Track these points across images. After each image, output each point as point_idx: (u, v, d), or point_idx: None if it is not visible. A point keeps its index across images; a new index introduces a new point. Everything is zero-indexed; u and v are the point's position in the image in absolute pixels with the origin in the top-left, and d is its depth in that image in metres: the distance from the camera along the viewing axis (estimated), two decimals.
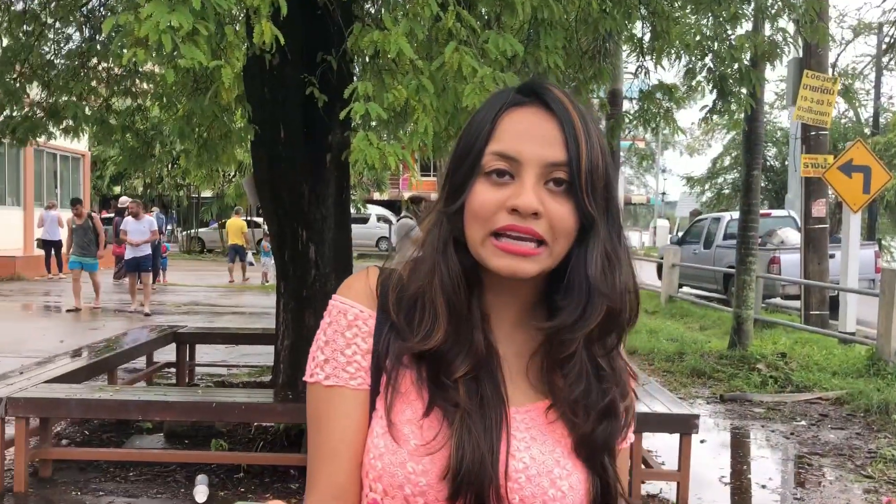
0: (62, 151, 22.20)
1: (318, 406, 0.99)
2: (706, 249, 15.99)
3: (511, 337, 1.01)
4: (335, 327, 1.00)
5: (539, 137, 0.94)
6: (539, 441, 0.97)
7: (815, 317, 10.32)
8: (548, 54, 4.44)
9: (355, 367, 0.98)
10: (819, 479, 5.24)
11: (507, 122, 0.95)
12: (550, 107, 0.95)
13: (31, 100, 6.54)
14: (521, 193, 0.92)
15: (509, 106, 0.96)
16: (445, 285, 0.96)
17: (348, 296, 1.01)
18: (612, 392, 0.99)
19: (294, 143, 5.33)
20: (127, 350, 6.34)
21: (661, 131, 7.39)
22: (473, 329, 0.96)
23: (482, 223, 0.94)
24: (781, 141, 25.95)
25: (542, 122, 0.94)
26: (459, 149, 0.98)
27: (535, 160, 0.93)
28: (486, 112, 0.97)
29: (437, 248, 0.98)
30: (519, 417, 0.98)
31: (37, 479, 4.76)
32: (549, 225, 0.93)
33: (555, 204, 0.93)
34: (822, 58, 10.48)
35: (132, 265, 12.77)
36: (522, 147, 0.93)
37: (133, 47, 3.37)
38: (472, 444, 0.92)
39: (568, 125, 0.94)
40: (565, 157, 0.93)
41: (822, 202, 10.60)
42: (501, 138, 0.94)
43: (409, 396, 0.96)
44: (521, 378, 1.00)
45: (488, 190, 0.94)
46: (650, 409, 4.64)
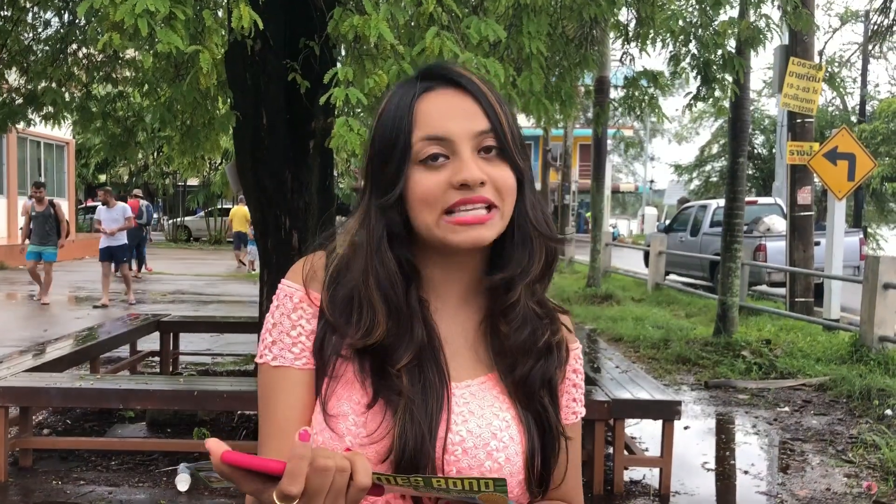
0: (46, 139, 22.02)
1: (266, 386, 1.03)
2: (693, 237, 16.04)
3: (455, 316, 1.06)
4: (282, 310, 1.04)
5: (461, 112, 0.99)
6: (477, 415, 1.01)
7: (800, 304, 10.37)
8: (531, 40, 4.41)
9: (300, 347, 1.02)
10: (801, 465, 5.27)
11: (424, 107, 0.99)
12: (461, 84, 1.00)
13: (9, 86, 6.46)
14: (463, 168, 0.97)
15: (421, 92, 1.00)
16: (382, 284, 0.99)
17: (295, 280, 1.05)
18: (547, 331, 1.06)
19: (276, 129, 5.28)
20: (109, 339, 6.30)
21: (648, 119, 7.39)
22: (413, 320, 1.00)
23: (432, 206, 0.97)
24: (769, 129, 26.02)
25: (458, 98, 0.99)
26: (380, 143, 1.00)
27: (464, 134, 0.98)
28: (399, 102, 1.00)
29: (372, 247, 1.00)
30: (459, 392, 1.02)
31: (17, 468, 4.72)
32: (494, 189, 0.98)
33: (492, 168, 0.99)
34: (809, 45, 10.48)
35: (106, 255, 12.07)
36: (449, 125, 0.98)
37: (109, 31, 3.33)
38: (413, 431, 0.96)
39: (482, 96, 1.00)
40: (489, 125, 0.99)
41: (808, 190, 10.63)
42: (425, 122, 0.98)
43: (351, 387, 0.99)
44: (464, 354, 1.05)
45: (428, 175, 0.98)
46: (633, 396, 4.65)
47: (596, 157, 15.23)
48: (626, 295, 13.70)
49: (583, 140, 32.94)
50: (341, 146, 3.54)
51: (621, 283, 15.64)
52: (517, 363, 1.03)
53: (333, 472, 0.77)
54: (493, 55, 4.41)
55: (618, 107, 6.52)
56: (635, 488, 4.77)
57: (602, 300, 13.10)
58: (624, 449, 4.82)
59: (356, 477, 0.79)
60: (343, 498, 0.79)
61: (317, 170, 5.46)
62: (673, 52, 5.95)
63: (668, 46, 5.95)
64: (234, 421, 5.35)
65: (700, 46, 5.76)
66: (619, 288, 14.53)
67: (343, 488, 0.79)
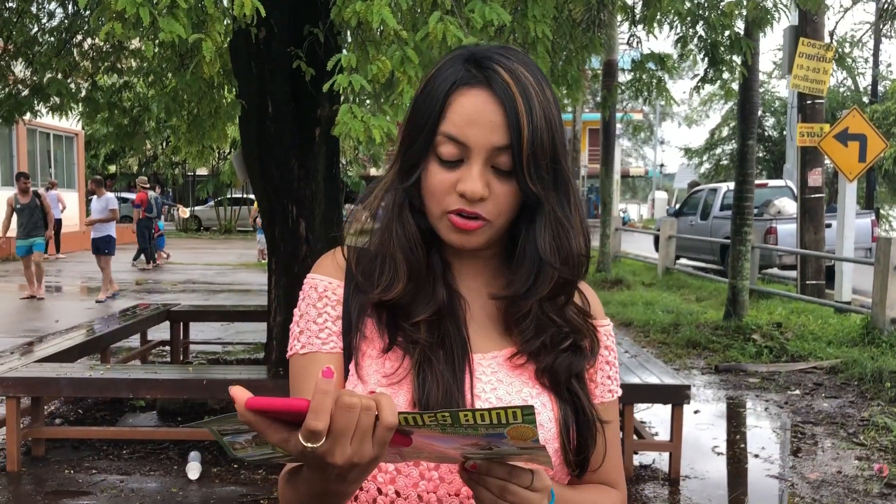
0: (55, 131, 22.08)
1: (296, 374, 1.05)
2: (703, 221, 15.95)
3: (475, 289, 1.08)
4: (308, 301, 1.07)
5: (486, 123, 0.98)
6: (505, 383, 1.02)
7: (811, 286, 10.31)
8: (536, 24, 4.37)
9: (327, 332, 1.04)
10: (812, 448, 5.25)
11: (457, 104, 0.99)
12: (495, 90, 0.98)
13: (15, 77, 6.47)
14: (469, 180, 0.98)
15: (459, 85, 1.00)
16: (402, 245, 1.02)
17: (319, 272, 1.09)
18: (570, 336, 1.05)
19: (282, 117, 5.27)
20: (120, 328, 6.32)
21: (657, 102, 7.34)
22: (435, 281, 1.03)
23: (437, 202, 1.01)
24: (780, 111, 25.84)
25: (489, 106, 0.98)
26: (414, 120, 1.03)
27: (481, 146, 0.98)
28: (440, 86, 1.01)
29: (393, 213, 1.04)
30: (485, 363, 1.03)
31: (30, 457, 4.76)
32: (494, 206, 1.00)
33: (500, 185, 0.99)
34: (819, 25, 10.37)
35: (92, 247, 11.61)
36: (470, 133, 0.98)
37: (111, 21, 3.32)
38: (435, 377, 0.97)
39: (510, 108, 0.97)
40: (506, 142, 0.98)
41: (819, 171, 10.55)
42: (452, 120, 0.99)
43: (373, 341, 1.02)
44: (486, 327, 1.06)
45: (441, 171, 1.00)
46: (642, 381, 4.64)
47: (605, 141, 15.15)
48: (636, 279, 13.67)
49: (592, 124, 32.84)
50: (345, 133, 3.52)
51: (631, 268, 15.60)
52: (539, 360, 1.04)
53: (359, 410, 0.76)
54: (498, 39, 4.38)
55: (625, 90, 6.46)
56: (645, 473, 4.76)
57: (612, 285, 13.07)
58: (633, 433, 4.81)
59: (382, 415, 0.77)
60: (370, 438, 0.78)
61: (323, 158, 5.45)
62: (680, 34, 5.90)
63: (675, 28, 5.90)
64: None
65: (707, 28, 5.70)
66: (629, 272, 14.49)
67: (369, 428, 0.77)
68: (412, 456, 0.87)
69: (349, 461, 0.77)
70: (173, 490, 4.31)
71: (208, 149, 8.18)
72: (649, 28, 5.79)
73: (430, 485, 0.97)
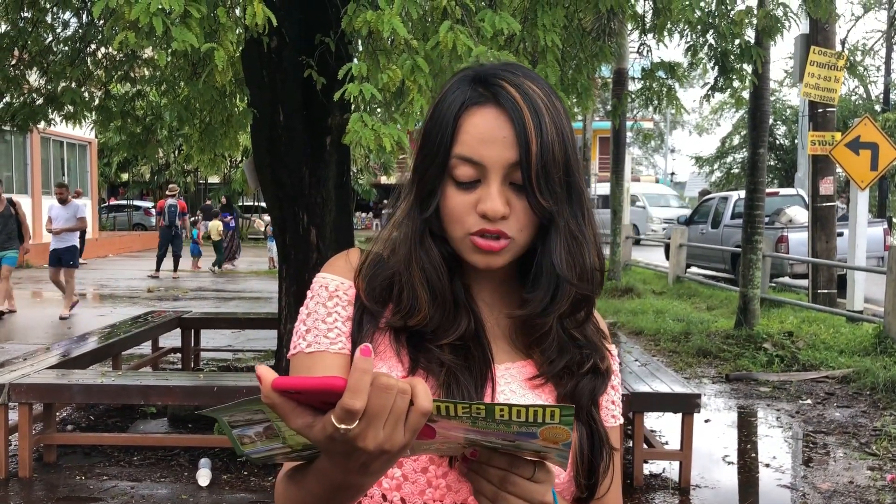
0: (69, 139, 22.26)
1: (299, 372, 1.01)
2: (714, 229, 15.90)
3: (491, 304, 1.06)
4: (317, 300, 1.03)
5: (500, 140, 0.97)
6: (519, 395, 1.01)
7: (822, 295, 10.26)
8: (546, 33, 4.39)
9: (336, 332, 1.01)
10: (824, 458, 5.22)
11: (468, 125, 0.98)
12: (505, 107, 0.98)
13: (30, 86, 6.53)
14: (488, 199, 0.96)
15: (468, 105, 0.99)
16: (429, 273, 1.00)
17: (330, 271, 1.06)
18: (592, 357, 1.05)
19: (293, 126, 5.31)
20: (131, 336, 6.35)
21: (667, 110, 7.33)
22: (459, 309, 1.01)
23: (458, 224, 0.99)
24: (791, 119, 25.75)
25: (499, 123, 0.97)
26: (425, 148, 1.01)
27: (497, 164, 0.97)
28: (448, 109, 1.00)
29: (415, 240, 1.01)
30: (500, 373, 1.02)
31: (42, 464, 4.79)
32: (517, 223, 0.98)
33: (519, 201, 0.98)
34: (830, 34, 10.34)
35: (54, 258, 10.60)
36: (484, 152, 0.97)
37: (124, 30, 3.36)
38: (460, 393, 0.95)
39: (519, 125, 0.96)
40: (517, 159, 0.96)
41: (830, 180, 10.51)
42: (464, 141, 0.98)
43: (386, 360, 0.99)
44: (503, 339, 1.05)
45: (458, 194, 0.98)
46: (653, 389, 4.63)
47: (615, 149, 15.15)
48: (647, 288, 13.63)
49: (602, 133, 32.80)
50: (356, 142, 3.55)
51: (642, 276, 15.56)
52: (561, 382, 1.03)
53: (395, 393, 0.74)
54: (508, 48, 4.40)
55: (635, 99, 6.46)
56: (655, 482, 4.75)
57: (622, 293, 13.04)
58: (643, 442, 4.80)
59: (417, 400, 0.75)
60: (403, 422, 0.76)
61: (334, 166, 5.48)
62: (690, 42, 5.90)
63: (685, 37, 5.91)
64: None
65: (717, 36, 5.71)
66: (639, 281, 14.46)
67: (404, 411, 0.75)
68: (419, 449, 0.85)
69: (380, 447, 0.75)
70: (184, 497, 4.33)
71: (220, 157, 8.24)
72: (659, 37, 5.80)
73: (437, 493, 0.95)
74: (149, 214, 29.99)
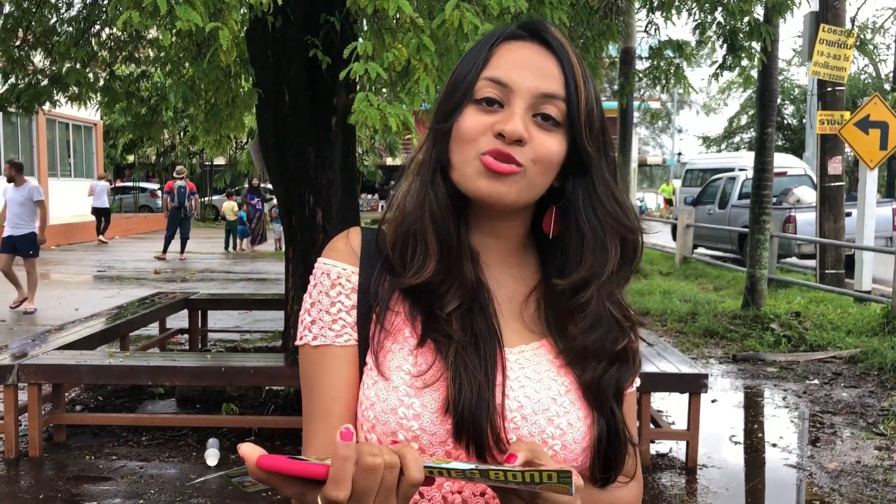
0: (74, 121, 22.25)
1: (308, 367, 1.00)
2: (721, 209, 15.85)
3: (500, 280, 1.02)
4: (320, 288, 1.00)
5: (535, 69, 0.93)
6: (534, 380, 0.97)
7: (830, 276, 10.22)
8: (553, 11, 4.34)
9: (341, 324, 0.99)
10: (831, 437, 5.22)
11: (503, 51, 0.95)
12: (550, 44, 0.95)
13: (34, 67, 6.51)
14: (509, 120, 0.92)
15: (506, 38, 0.96)
16: (435, 214, 0.95)
17: (331, 256, 1.02)
18: (625, 336, 0.99)
19: (299, 106, 5.28)
20: (139, 317, 6.37)
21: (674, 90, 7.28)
22: (463, 262, 0.97)
23: (468, 146, 0.94)
24: (799, 98, 25.59)
25: (540, 55, 0.94)
26: (453, 78, 0.98)
27: (527, 89, 0.93)
28: (483, 43, 0.97)
29: (426, 178, 0.98)
30: (512, 358, 0.97)
31: (51, 443, 4.82)
32: (533, 154, 0.93)
33: (543, 135, 0.93)
34: (840, 11, 10.23)
35: (7, 245, 9.22)
36: (516, 75, 0.93)
37: (128, 10, 3.33)
38: (468, 377, 0.91)
39: (567, 63, 0.94)
40: (562, 92, 0.93)
41: (839, 159, 10.44)
42: (496, 65, 0.94)
43: (400, 334, 0.96)
44: (513, 320, 1.01)
45: (477, 115, 0.94)
46: (659, 369, 4.62)
47: (622, 129, 15.04)
48: (654, 269, 13.60)
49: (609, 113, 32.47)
50: (361, 122, 3.52)
51: (648, 257, 15.53)
52: (587, 365, 0.97)
53: (382, 471, 0.72)
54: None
55: (643, 78, 6.41)
56: (662, 461, 4.76)
57: None
58: (650, 422, 4.80)
59: (407, 472, 0.73)
60: (394, 495, 0.74)
61: (339, 146, 5.45)
62: (699, 20, 5.84)
63: (693, 15, 5.85)
64: (262, 396, 5.40)
65: (726, 14, 5.65)
66: (646, 262, 14.43)
67: (393, 485, 0.73)
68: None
69: None
70: (192, 476, 4.35)
71: (225, 138, 8.21)
72: (667, 15, 5.74)
73: (456, 485, 0.93)
74: (155, 196, 29.99)
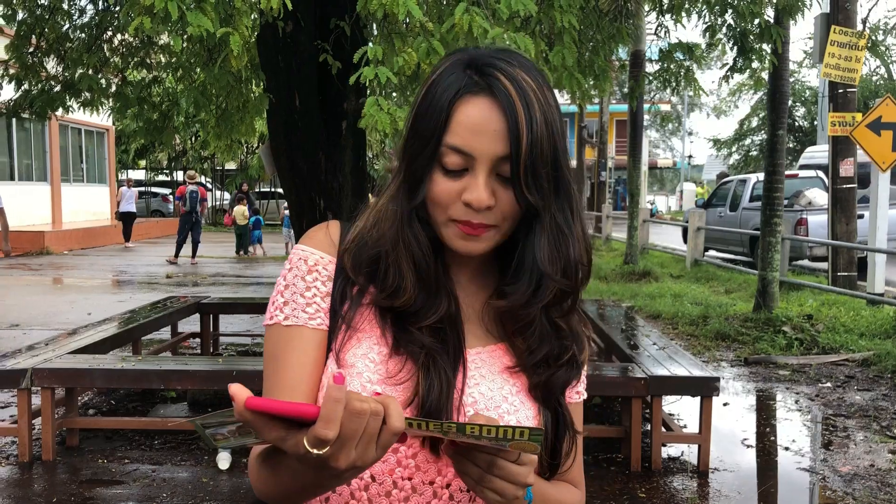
0: (87, 126, 22.39)
1: (276, 345, 1.03)
2: (732, 212, 15.79)
3: (467, 287, 1.09)
4: (295, 272, 1.04)
5: (490, 132, 0.97)
6: (488, 379, 1.03)
7: (842, 278, 10.17)
8: (562, 14, 4.35)
9: (315, 308, 1.03)
10: (844, 441, 5.19)
11: (461, 114, 0.98)
12: (498, 98, 0.98)
13: (47, 73, 6.56)
14: (474, 189, 0.97)
15: (463, 94, 0.99)
16: (416, 255, 1.01)
17: (309, 244, 1.06)
18: (571, 348, 1.07)
19: (309, 111, 5.30)
20: (151, 321, 6.40)
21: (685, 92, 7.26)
22: (441, 291, 1.03)
23: (442, 210, 1.00)
24: (810, 100, 25.48)
25: (492, 114, 0.97)
26: (417, 132, 1.01)
27: (486, 155, 0.97)
28: (442, 95, 0.99)
29: (403, 222, 1.02)
30: (471, 358, 1.04)
31: (64, 447, 4.85)
32: (500, 213, 0.99)
33: (505, 192, 0.99)
34: (851, 13, 10.19)
35: None
36: (475, 143, 0.97)
37: (140, 16, 3.36)
38: (438, 377, 0.98)
39: (511, 119, 0.96)
40: (507, 152, 0.97)
41: (850, 161, 10.38)
42: (456, 131, 0.98)
43: (370, 334, 1.01)
44: (475, 323, 1.07)
45: (445, 182, 0.99)
46: (671, 373, 4.61)
47: (632, 132, 15.04)
48: (665, 272, 13.57)
49: (619, 116, 32.58)
50: (371, 126, 3.54)
51: (659, 260, 15.49)
52: (536, 372, 1.04)
53: (368, 416, 0.77)
54: (525, 30, 4.37)
55: (653, 80, 6.41)
56: (673, 465, 4.74)
57: (640, 277, 12.99)
58: (661, 426, 4.79)
59: (389, 421, 0.78)
60: (374, 442, 0.79)
61: (350, 151, 5.47)
62: (709, 22, 5.83)
63: (703, 17, 5.84)
64: None
65: (736, 16, 5.63)
66: (657, 265, 14.39)
67: (376, 432, 0.78)
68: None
69: (352, 464, 0.78)
70: (204, 480, 4.37)
71: (236, 143, 8.25)
72: (677, 17, 5.74)
73: (406, 472, 0.98)
74: (167, 201, 30.13)
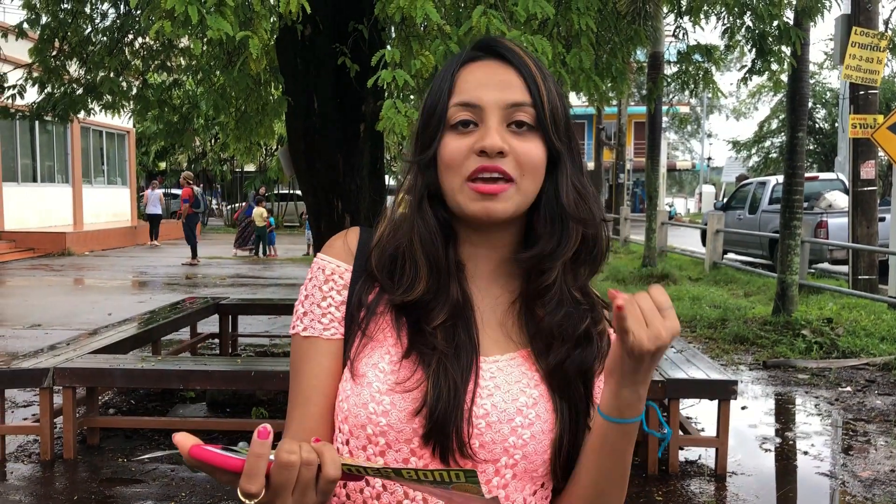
0: (108, 129, 22.60)
1: (296, 355, 1.07)
2: (751, 214, 15.69)
3: (487, 290, 1.06)
4: (314, 282, 1.07)
5: (497, 83, 1.00)
6: (503, 390, 1.00)
7: (863, 281, 10.08)
8: (580, 16, 4.35)
9: (329, 318, 1.05)
10: (864, 445, 5.15)
11: (464, 75, 1.02)
12: (506, 57, 1.01)
13: (69, 76, 6.65)
14: (486, 136, 0.98)
15: (465, 62, 1.03)
16: (424, 239, 1.01)
17: (328, 253, 1.08)
18: (587, 318, 1.04)
19: (327, 113, 5.33)
20: (170, 321, 6.46)
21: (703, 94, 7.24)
22: (450, 279, 1.02)
23: (456, 171, 0.99)
24: (831, 102, 25.24)
25: (500, 70, 1.00)
26: (425, 109, 1.04)
27: (495, 103, 0.99)
28: (445, 71, 1.04)
29: (415, 204, 1.03)
30: (486, 367, 1.02)
31: (85, 446, 4.90)
32: (515, 162, 0.98)
33: (519, 142, 0.99)
34: (872, 13, 10.11)
35: None
36: (481, 94, 0.99)
37: (160, 20, 3.40)
38: (447, 385, 0.97)
39: (526, 70, 1.00)
40: (527, 98, 0.99)
41: (872, 164, 10.29)
42: (462, 90, 1.00)
43: (384, 342, 1.01)
44: (495, 329, 1.05)
45: (456, 139, 1.00)
46: (689, 376, 4.59)
47: (650, 134, 14.98)
48: (683, 274, 13.50)
49: (637, 118, 32.47)
50: (389, 128, 3.56)
51: (678, 263, 15.41)
52: (552, 347, 1.02)
53: (298, 467, 0.78)
54: (542, 33, 4.37)
55: (671, 82, 6.39)
56: (691, 468, 4.72)
57: (658, 280, 12.92)
58: (679, 429, 4.77)
59: (325, 469, 0.79)
60: (313, 490, 0.80)
61: (368, 153, 5.50)
62: (727, 24, 5.81)
63: (722, 19, 5.81)
64: None
65: (755, 18, 5.61)
66: (675, 267, 14.32)
67: (311, 481, 0.79)
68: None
69: None
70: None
71: (256, 145, 8.31)
72: (695, 19, 5.72)
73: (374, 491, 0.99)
74: None
